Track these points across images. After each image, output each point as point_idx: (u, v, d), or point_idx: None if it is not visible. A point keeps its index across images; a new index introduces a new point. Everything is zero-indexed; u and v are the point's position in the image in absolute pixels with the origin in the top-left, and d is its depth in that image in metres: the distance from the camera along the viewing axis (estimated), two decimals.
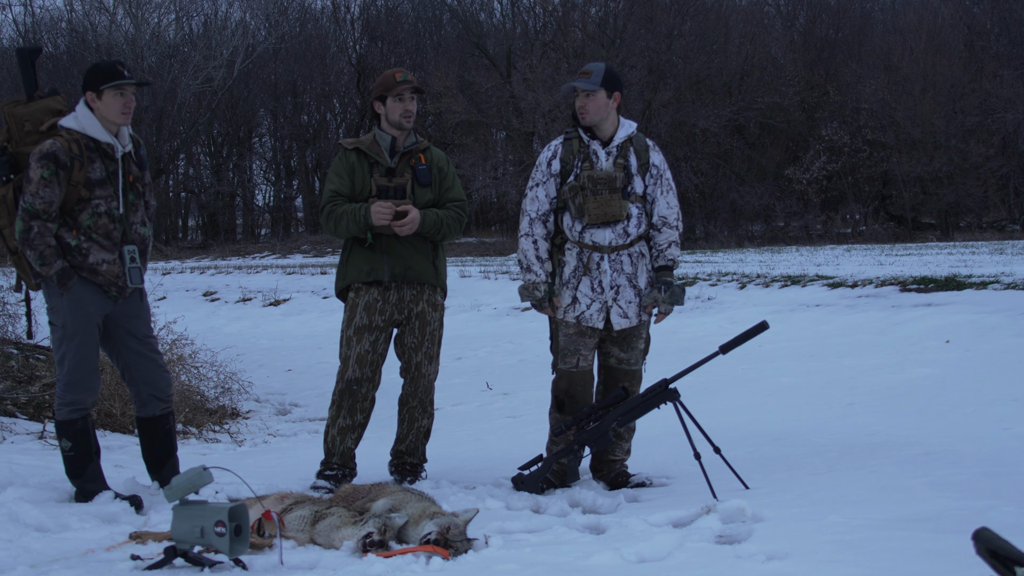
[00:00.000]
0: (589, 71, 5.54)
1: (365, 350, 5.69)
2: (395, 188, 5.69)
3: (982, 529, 2.80)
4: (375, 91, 5.82)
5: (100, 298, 5.23)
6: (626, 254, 5.52)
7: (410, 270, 5.69)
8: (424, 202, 5.73)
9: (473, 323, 14.63)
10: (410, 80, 5.73)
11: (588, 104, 5.50)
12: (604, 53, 31.28)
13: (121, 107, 5.17)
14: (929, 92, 30.42)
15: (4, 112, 5.32)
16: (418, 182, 5.72)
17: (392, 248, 5.68)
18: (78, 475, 5.22)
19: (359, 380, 5.69)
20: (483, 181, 33.34)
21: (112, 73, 5.14)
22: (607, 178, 5.45)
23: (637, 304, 5.55)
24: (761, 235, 31.94)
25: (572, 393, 5.62)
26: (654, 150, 5.64)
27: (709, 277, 15.26)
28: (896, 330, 10.79)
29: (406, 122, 5.72)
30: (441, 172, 5.81)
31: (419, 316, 5.73)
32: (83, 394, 5.21)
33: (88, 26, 35.48)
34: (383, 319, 5.70)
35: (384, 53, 38.88)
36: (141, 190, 5.34)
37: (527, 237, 5.60)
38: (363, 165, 5.76)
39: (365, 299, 5.71)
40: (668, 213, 5.57)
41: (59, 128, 5.17)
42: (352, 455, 5.79)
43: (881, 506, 4.55)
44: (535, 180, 5.63)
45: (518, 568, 3.95)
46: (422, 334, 5.74)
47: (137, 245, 5.29)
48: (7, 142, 5.30)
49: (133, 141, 5.35)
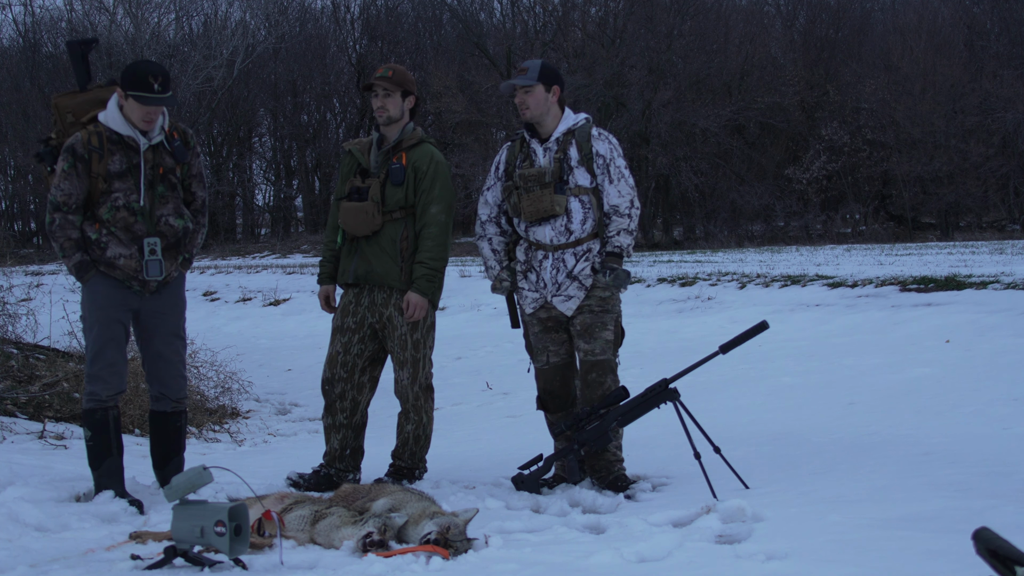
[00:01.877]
0: (525, 68, 5.53)
1: (336, 351, 5.75)
2: (362, 190, 5.66)
3: (982, 529, 2.80)
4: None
5: (120, 292, 5.21)
6: (571, 253, 5.49)
7: (371, 273, 5.65)
8: (394, 202, 5.64)
9: (473, 323, 14.64)
10: (388, 76, 5.66)
11: (528, 100, 5.50)
12: (604, 53, 31.33)
13: (143, 115, 5.14)
14: (929, 92, 30.43)
15: (52, 104, 5.36)
16: (391, 181, 5.66)
17: (361, 248, 5.69)
18: (96, 467, 5.25)
19: (330, 380, 5.76)
20: (483, 181, 33.31)
21: (139, 83, 5.08)
22: (537, 174, 5.45)
23: (583, 295, 5.50)
24: (761, 235, 31.95)
25: (549, 390, 5.66)
26: (599, 139, 5.53)
27: (709, 277, 15.26)
28: (896, 330, 10.80)
29: (380, 117, 5.68)
30: (417, 172, 5.66)
31: (388, 321, 5.70)
32: (100, 386, 5.22)
33: (88, 26, 35.45)
34: (355, 321, 5.72)
35: (384, 53, 38.88)
36: (175, 182, 5.29)
37: (481, 239, 5.75)
38: (351, 166, 5.78)
39: (343, 301, 5.79)
40: (619, 202, 5.47)
41: (96, 120, 5.19)
42: (340, 456, 5.78)
43: (881, 506, 4.55)
44: (486, 184, 5.74)
45: (518, 568, 3.96)
46: (392, 341, 5.71)
47: (167, 237, 5.24)
48: (55, 134, 5.35)
49: (174, 132, 5.30)
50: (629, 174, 5.55)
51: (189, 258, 5.40)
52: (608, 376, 5.49)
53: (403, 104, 5.71)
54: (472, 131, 34.85)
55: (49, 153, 5.33)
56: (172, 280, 5.35)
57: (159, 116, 5.22)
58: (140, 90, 5.08)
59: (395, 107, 5.68)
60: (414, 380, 5.70)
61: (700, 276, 15.40)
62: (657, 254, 24.93)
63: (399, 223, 5.66)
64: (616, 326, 5.56)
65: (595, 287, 5.48)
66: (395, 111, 5.68)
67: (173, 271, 5.32)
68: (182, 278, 5.45)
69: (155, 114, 5.18)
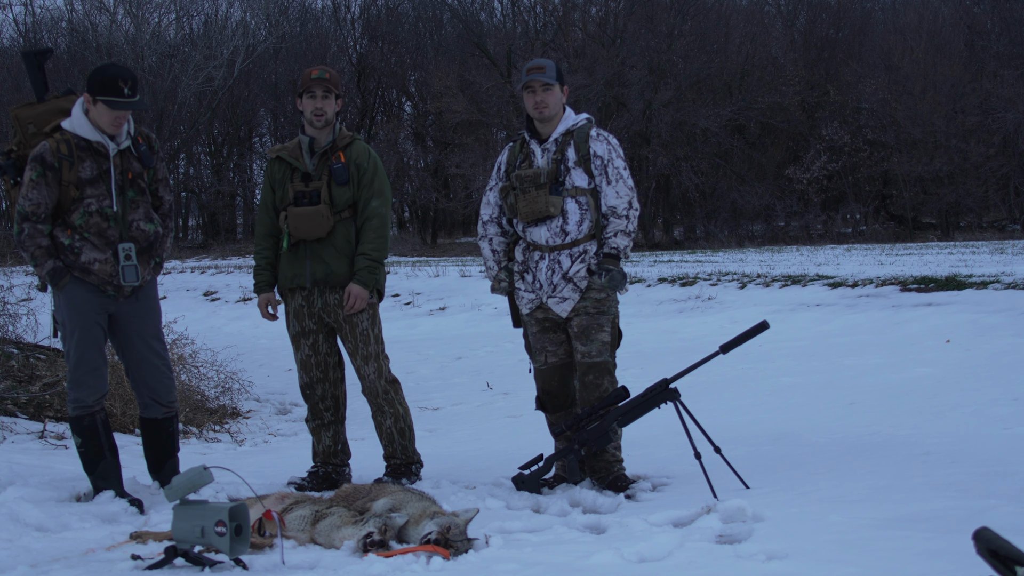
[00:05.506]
0: (542, 66, 5.51)
1: (306, 355, 5.79)
2: (310, 193, 5.64)
3: (982, 529, 2.80)
4: (299, 89, 5.77)
5: (97, 297, 5.22)
6: (566, 254, 5.48)
7: (332, 275, 5.67)
8: (343, 201, 5.65)
9: (473, 323, 14.64)
10: (325, 78, 5.66)
11: (548, 98, 5.49)
12: (604, 53, 31.32)
13: (111, 119, 5.12)
14: (929, 92, 30.44)
15: (11, 115, 5.34)
16: (335, 181, 5.66)
17: (314, 252, 5.67)
18: (91, 471, 5.26)
19: (309, 384, 5.82)
20: (483, 181, 33.32)
21: (109, 88, 5.05)
22: (533, 175, 5.45)
23: (578, 296, 5.49)
24: (761, 235, 31.97)
25: (548, 390, 5.66)
26: (597, 140, 5.51)
27: (709, 277, 15.27)
28: (896, 330, 10.80)
29: (316, 120, 5.65)
30: (360, 168, 5.70)
31: (347, 320, 5.71)
32: (84, 392, 5.21)
33: (88, 26, 35.47)
34: (313, 322, 5.75)
35: (384, 53, 38.89)
36: (143, 186, 5.30)
37: (483, 239, 5.75)
38: (284, 172, 5.74)
39: (292, 307, 5.80)
40: (617, 203, 5.44)
41: (61, 129, 5.17)
42: (334, 452, 5.84)
43: (881, 506, 4.55)
44: (489, 184, 5.74)
45: (518, 568, 3.96)
46: (354, 338, 5.72)
47: (139, 242, 5.26)
48: (16, 145, 5.32)
49: (139, 137, 5.30)
50: (628, 175, 5.52)
51: (160, 262, 5.41)
52: (605, 378, 5.48)
53: (335, 105, 5.73)
54: (472, 131, 34.85)
55: (11, 165, 5.31)
56: (145, 284, 5.35)
57: (126, 120, 5.21)
58: (110, 95, 5.06)
59: (331, 109, 5.70)
60: (380, 375, 5.76)
61: (700, 276, 15.40)
62: (657, 254, 24.94)
63: (348, 222, 5.70)
64: (613, 327, 5.54)
65: (591, 289, 5.46)
66: (331, 113, 5.70)
67: (146, 275, 5.32)
68: (154, 282, 5.47)
69: (124, 118, 5.17)
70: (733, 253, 23.69)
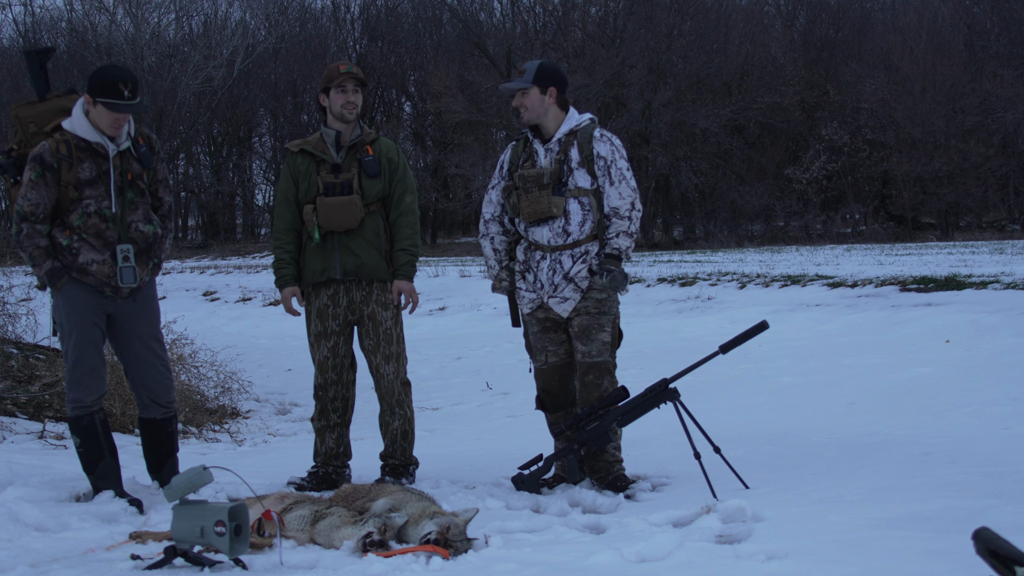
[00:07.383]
0: (523, 70, 5.53)
1: (325, 356, 5.77)
2: (341, 184, 5.66)
3: (982, 529, 2.80)
4: (321, 84, 5.78)
5: (94, 297, 5.21)
6: (568, 254, 5.47)
7: (363, 267, 5.67)
8: (373, 194, 5.68)
9: (473, 323, 14.64)
10: (354, 72, 5.70)
11: (524, 101, 5.50)
12: (604, 53, 31.32)
13: (111, 121, 5.12)
14: (929, 92, 30.44)
15: (12, 114, 5.33)
16: (366, 174, 5.68)
17: (343, 244, 5.68)
18: (90, 472, 5.25)
19: (324, 385, 5.81)
20: (483, 181, 33.33)
21: (109, 90, 5.05)
22: (536, 175, 5.44)
23: (579, 296, 5.49)
24: (761, 235, 31.97)
25: (548, 389, 5.66)
26: (601, 140, 5.49)
27: (709, 277, 15.27)
28: (896, 330, 10.80)
29: (348, 113, 5.68)
30: (391, 163, 5.75)
31: (371, 317, 5.72)
32: (83, 392, 5.21)
33: (88, 26, 35.49)
34: (337, 323, 5.74)
35: (384, 53, 38.90)
36: (143, 187, 5.30)
37: (484, 237, 5.75)
38: (310, 165, 5.75)
39: (316, 305, 5.77)
40: (619, 204, 5.44)
41: (62, 129, 5.17)
42: (336, 454, 5.84)
43: (881, 506, 4.55)
44: (491, 184, 5.74)
45: (518, 568, 3.96)
46: (376, 335, 5.73)
47: (137, 244, 5.26)
48: (17, 144, 5.32)
49: (139, 138, 5.30)
50: (631, 176, 5.52)
51: (158, 263, 5.40)
52: (605, 378, 5.48)
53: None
54: (472, 131, 34.84)
55: (11, 164, 5.30)
56: (144, 285, 5.34)
57: (126, 122, 5.20)
58: (110, 97, 5.05)
59: (360, 102, 5.75)
60: (398, 375, 5.77)
61: (700, 276, 15.40)
62: (657, 254, 24.94)
63: (377, 216, 5.73)
64: (614, 328, 5.54)
65: (591, 289, 5.46)
66: (360, 106, 5.74)
67: (145, 276, 5.31)
68: (153, 282, 5.45)
69: (123, 120, 5.16)
70: (733, 253, 23.69)
